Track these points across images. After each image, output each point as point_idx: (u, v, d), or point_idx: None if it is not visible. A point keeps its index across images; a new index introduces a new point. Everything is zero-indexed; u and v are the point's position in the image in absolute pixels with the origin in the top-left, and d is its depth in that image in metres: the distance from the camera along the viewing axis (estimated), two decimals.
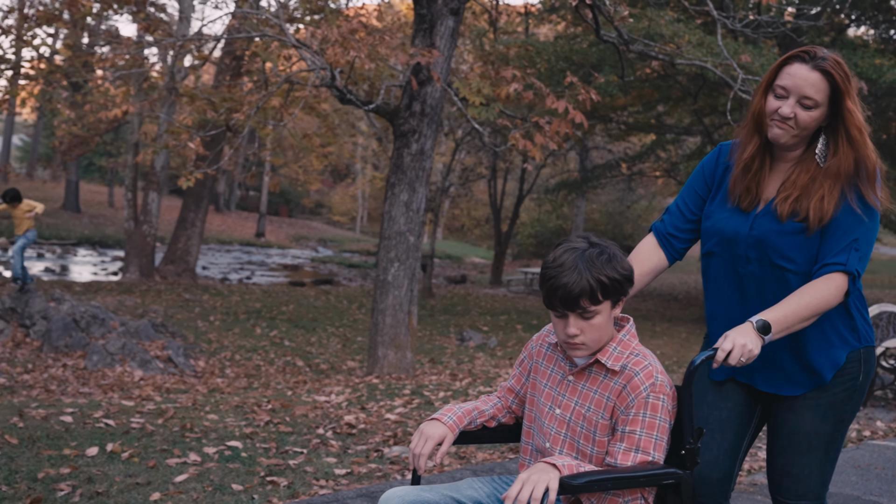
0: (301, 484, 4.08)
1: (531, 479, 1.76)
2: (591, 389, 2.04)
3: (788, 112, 2.07)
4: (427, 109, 7.83)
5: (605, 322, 1.98)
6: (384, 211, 8.13)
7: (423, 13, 7.68)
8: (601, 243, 1.99)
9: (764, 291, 2.16)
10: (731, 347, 1.93)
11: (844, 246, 2.06)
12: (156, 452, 4.57)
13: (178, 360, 9.39)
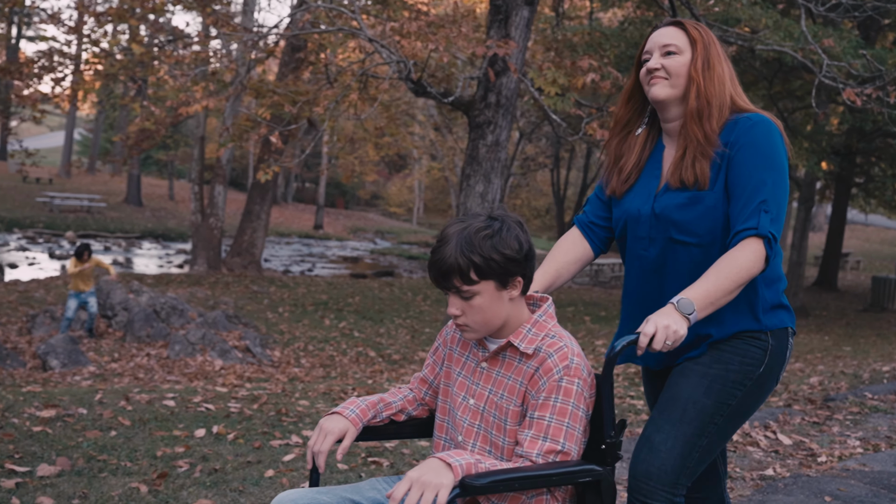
0: (402, 464, 4.17)
1: (421, 480, 1.61)
2: (506, 376, 1.91)
3: (655, 63, 2.04)
4: (502, 100, 7.85)
5: (490, 304, 1.84)
6: (459, 202, 8.18)
7: (499, 4, 7.70)
8: (500, 218, 1.85)
9: (672, 271, 2.06)
10: (654, 331, 1.79)
11: (753, 209, 1.94)
12: (258, 434, 4.71)
13: (255, 349, 9.60)
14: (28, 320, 10.55)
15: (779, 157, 1.98)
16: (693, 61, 2.03)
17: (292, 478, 3.87)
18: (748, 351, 2.00)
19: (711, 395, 1.97)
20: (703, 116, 2.01)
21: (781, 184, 1.97)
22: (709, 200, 1.99)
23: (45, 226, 24.72)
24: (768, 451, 4.47)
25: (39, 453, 4.16)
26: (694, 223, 2.00)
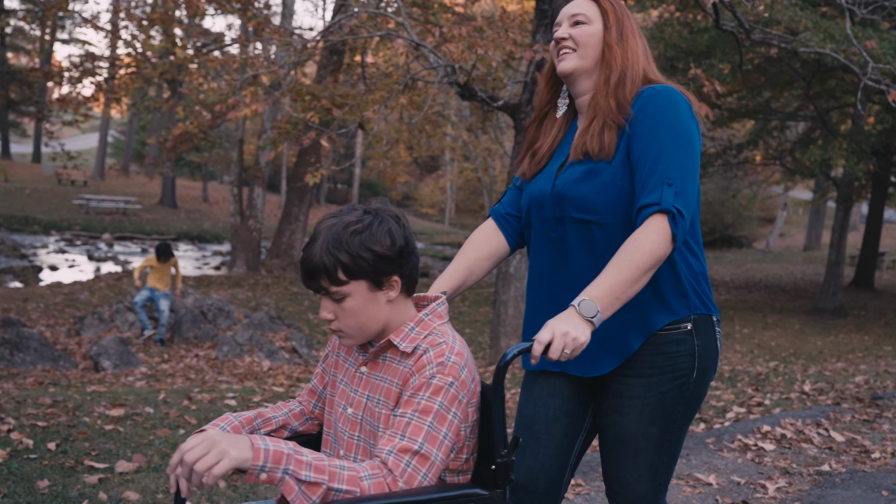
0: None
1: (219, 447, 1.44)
2: (383, 379, 1.74)
3: (563, 33, 1.95)
4: None
5: (363, 306, 1.69)
6: None
7: (545, 8, 7.78)
8: (376, 212, 1.70)
9: (577, 255, 1.90)
10: (551, 338, 1.63)
11: (654, 182, 1.77)
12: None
13: (301, 350, 9.76)
14: (76, 322, 10.80)
15: (683, 126, 1.82)
16: (606, 31, 1.93)
17: None
18: (676, 364, 1.87)
19: (657, 422, 1.88)
20: (618, 87, 1.89)
21: (687, 155, 1.80)
22: (606, 174, 1.84)
23: (81, 228, 25.15)
24: (822, 448, 4.52)
25: (115, 450, 4.33)
26: (591, 198, 1.85)
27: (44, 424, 4.68)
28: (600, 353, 1.89)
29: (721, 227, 33.11)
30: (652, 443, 1.89)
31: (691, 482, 3.78)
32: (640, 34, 1.99)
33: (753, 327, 12.90)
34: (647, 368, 1.86)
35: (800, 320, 14.13)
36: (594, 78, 1.95)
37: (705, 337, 1.89)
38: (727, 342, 11.20)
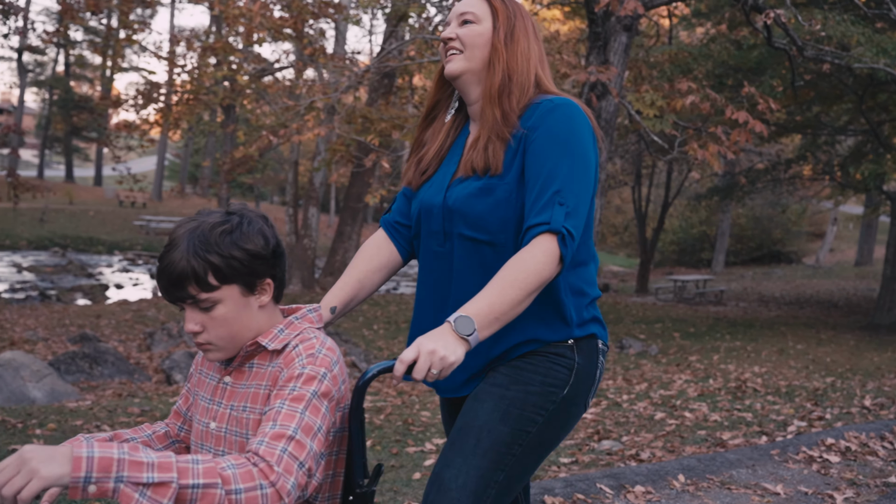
0: (540, 468, 4.46)
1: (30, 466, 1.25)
2: (250, 385, 1.61)
3: (450, 32, 1.82)
4: (602, 123, 8.12)
5: (236, 313, 1.57)
6: None
7: (598, 31, 7.99)
8: (240, 212, 1.59)
9: (463, 274, 1.79)
10: (415, 356, 1.51)
11: (546, 201, 1.67)
12: (392, 442, 5.08)
13: (360, 364, 10.03)
14: (146, 337, 11.23)
15: (579, 143, 1.71)
16: (495, 32, 1.80)
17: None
18: (551, 370, 1.74)
19: (509, 422, 1.69)
20: (503, 94, 1.77)
21: (582, 175, 1.70)
22: (500, 191, 1.73)
23: (142, 248, 25.95)
24: (888, 461, 4.61)
25: None
26: (484, 217, 1.74)
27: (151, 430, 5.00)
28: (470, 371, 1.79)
29: (769, 243, 32.78)
30: (493, 444, 1.68)
31: (759, 491, 3.92)
32: (535, 37, 1.86)
33: (807, 343, 12.83)
34: (520, 362, 1.74)
35: (854, 336, 14.00)
36: (484, 83, 1.82)
37: (587, 358, 1.77)
38: (780, 358, 11.18)
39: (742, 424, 5.79)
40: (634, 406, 6.73)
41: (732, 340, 13.04)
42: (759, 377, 8.62)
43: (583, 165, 1.71)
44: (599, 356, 1.82)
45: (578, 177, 1.69)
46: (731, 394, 7.40)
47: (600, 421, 6.04)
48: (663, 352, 12.11)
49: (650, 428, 5.77)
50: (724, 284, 23.78)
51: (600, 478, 3.85)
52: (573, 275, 1.78)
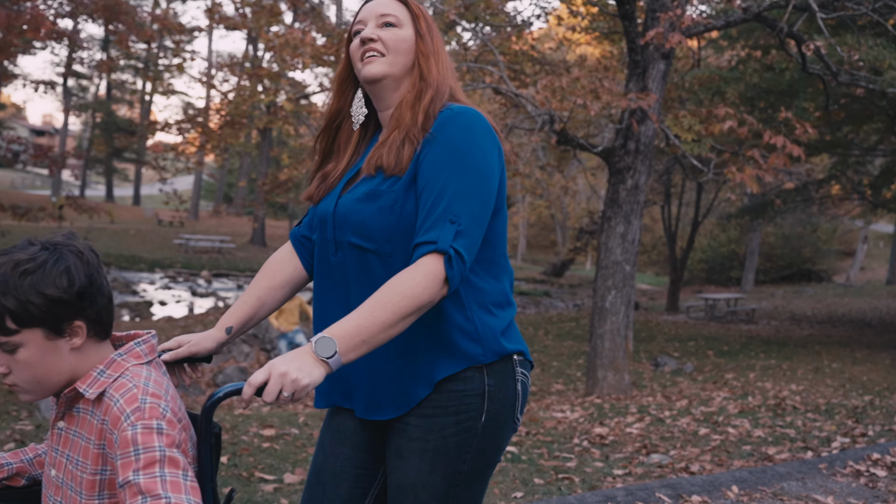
0: (594, 481, 4.72)
1: None
2: (80, 435, 1.53)
3: (371, 33, 1.72)
4: (641, 147, 8.40)
5: (40, 358, 1.48)
6: (601, 242, 8.73)
7: (637, 59, 8.28)
8: (56, 247, 1.48)
9: (356, 285, 1.70)
10: (265, 378, 1.43)
11: (436, 218, 1.57)
12: None
13: None
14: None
15: (479, 156, 1.62)
16: (419, 38, 1.75)
17: (504, 488, 4.48)
18: (461, 405, 1.65)
19: (438, 471, 1.65)
20: (430, 101, 1.69)
21: (478, 188, 1.61)
22: (387, 198, 1.65)
23: (182, 266, 26.51)
24: None
25: (276, 465, 4.91)
26: (367, 224, 1.66)
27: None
28: (383, 398, 1.70)
29: (799, 262, 32.75)
30: (434, 496, 1.66)
31: (810, 502, 4.15)
32: (445, 48, 1.82)
33: (842, 362, 12.93)
34: (429, 408, 1.66)
35: (890, 355, 14.05)
36: (401, 90, 1.75)
37: (499, 378, 1.68)
38: (816, 376, 11.31)
39: (786, 440, 5.99)
40: (677, 422, 6.95)
41: (767, 359, 13.16)
42: (797, 395, 8.79)
43: (480, 179, 1.61)
44: (516, 370, 1.71)
45: (474, 192, 1.60)
46: (772, 410, 7.59)
47: (646, 436, 6.27)
48: (699, 369, 12.28)
49: (695, 443, 5.99)
50: (754, 303, 23.81)
51: (658, 487, 4.10)
52: (481, 293, 1.69)
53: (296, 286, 1.91)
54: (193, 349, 1.83)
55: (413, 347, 1.66)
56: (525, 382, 1.74)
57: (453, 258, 1.54)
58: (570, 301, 26.97)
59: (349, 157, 1.82)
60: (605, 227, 8.64)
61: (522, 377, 1.73)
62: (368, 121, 1.84)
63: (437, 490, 1.66)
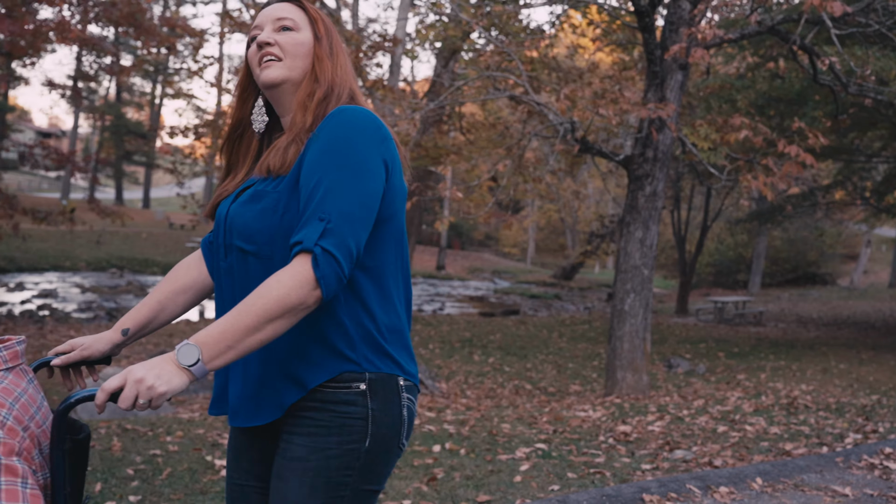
0: (624, 475, 5.01)
1: None
2: None
3: (268, 37, 1.72)
4: (659, 155, 8.69)
5: None
6: (620, 247, 9.03)
7: (656, 70, 8.58)
8: None
9: (237, 290, 1.68)
10: (120, 384, 1.40)
11: (307, 216, 1.54)
12: (483, 450, 5.64)
13: (427, 381, 10.61)
14: None
15: (355, 153, 1.58)
16: (317, 42, 1.74)
17: (540, 482, 4.78)
18: (344, 425, 1.61)
19: (318, 495, 1.61)
20: (320, 101, 1.69)
21: (354, 187, 1.56)
22: (269, 199, 1.63)
23: None
24: None
25: None
26: (251, 225, 1.64)
27: None
28: (257, 404, 1.66)
29: (804, 265, 33.06)
30: None
31: (829, 493, 4.44)
32: (345, 51, 1.81)
33: (849, 363, 13.21)
34: (313, 427, 1.62)
35: (895, 356, 14.34)
36: (300, 93, 1.73)
37: (384, 401, 1.64)
38: (825, 377, 11.58)
39: (801, 437, 6.28)
40: (696, 420, 7.23)
41: (776, 360, 13.44)
42: (808, 394, 9.07)
43: (355, 176, 1.56)
44: (402, 396, 1.67)
45: (348, 188, 1.55)
46: (785, 409, 7.88)
47: (668, 433, 6.56)
48: (711, 370, 12.56)
49: (715, 440, 6.28)
50: (762, 306, 24.09)
51: (688, 479, 4.39)
52: (364, 300, 1.64)
53: (200, 292, 1.89)
54: (86, 353, 1.80)
55: (286, 351, 1.62)
56: (411, 408, 1.70)
57: (319, 257, 1.49)
58: (581, 304, 27.26)
59: (250, 165, 1.81)
60: (625, 233, 8.93)
61: (409, 402, 1.69)
62: (273, 128, 1.83)
63: None
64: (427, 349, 14.14)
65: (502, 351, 14.53)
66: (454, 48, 14.42)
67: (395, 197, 1.67)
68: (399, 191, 1.68)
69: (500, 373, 12.40)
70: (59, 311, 16.52)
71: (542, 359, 14.01)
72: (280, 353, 1.62)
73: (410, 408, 1.70)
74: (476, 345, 15.02)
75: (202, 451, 5.23)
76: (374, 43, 14.88)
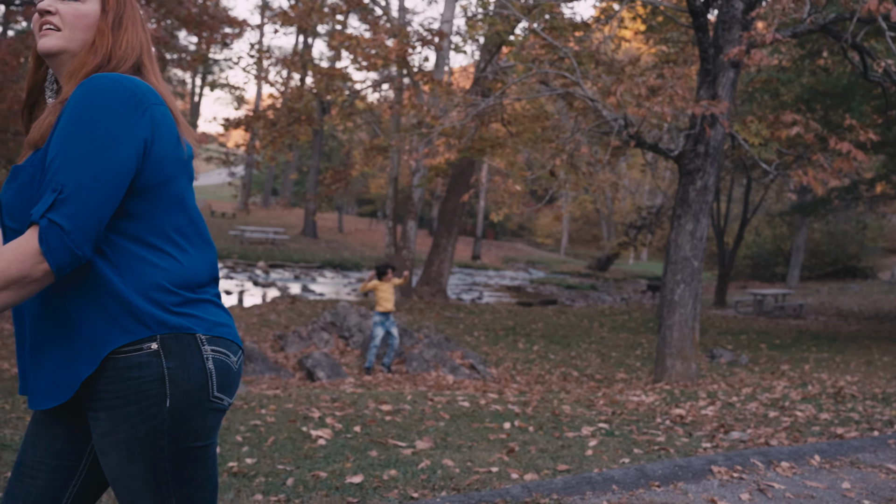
0: (687, 451, 5.35)
1: None
2: None
3: (49, 5, 1.66)
4: (710, 150, 8.97)
5: None
6: (671, 239, 9.32)
7: (709, 68, 8.84)
8: None
9: None
10: None
11: (44, 188, 1.52)
12: (550, 428, 6.01)
13: (479, 367, 11.01)
14: (276, 339, 12.40)
15: (94, 121, 1.53)
16: (103, 14, 1.69)
17: (610, 455, 5.14)
18: (141, 391, 1.59)
19: (137, 461, 1.61)
20: (81, 72, 1.64)
21: (91, 156, 1.52)
22: (25, 174, 1.60)
23: (239, 256, 27.45)
24: None
25: (402, 434, 5.61)
26: (12, 203, 1.62)
27: (340, 414, 6.05)
28: (52, 384, 1.63)
29: (844, 258, 32.91)
30: (145, 485, 1.63)
31: (884, 470, 4.75)
32: (143, 27, 1.76)
33: (893, 355, 13.39)
34: (111, 399, 1.60)
35: None
36: (74, 63, 1.67)
37: (180, 359, 1.61)
38: (869, 368, 11.78)
39: (851, 422, 6.57)
40: (747, 406, 7.53)
41: (819, 352, 13.64)
42: (853, 385, 9.31)
43: (93, 144, 1.52)
44: (203, 349, 1.64)
45: (86, 158, 1.51)
46: (832, 398, 8.14)
47: (721, 417, 6.87)
48: (754, 361, 12.81)
49: (767, 423, 6.58)
50: (801, 299, 24.15)
51: (752, 454, 4.73)
52: (143, 268, 1.62)
53: None
54: None
55: (72, 327, 1.60)
56: (221, 360, 1.68)
57: (45, 229, 1.47)
58: (617, 295, 27.48)
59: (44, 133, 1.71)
60: (675, 225, 9.22)
61: (215, 354, 1.66)
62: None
63: (145, 479, 1.62)
64: (472, 336, 14.52)
65: (546, 339, 14.87)
66: (500, 42, 14.73)
67: (163, 164, 1.63)
68: (170, 158, 1.64)
69: (545, 360, 12.75)
70: None
71: (586, 347, 14.34)
72: (66, 329, 1.61)
73: (219, 360, 1.67)
74: (519, 333, 15.38)
75: (296, 422, 5.65)
76: (420, 37, 15.23)
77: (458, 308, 18.05)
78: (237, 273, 24.43)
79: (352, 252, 32.06)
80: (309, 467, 4.54)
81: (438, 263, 18.94)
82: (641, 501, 4.02)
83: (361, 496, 4.05)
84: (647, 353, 13.84)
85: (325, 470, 4.51)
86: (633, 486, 4.19)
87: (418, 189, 17.95)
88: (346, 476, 4.37)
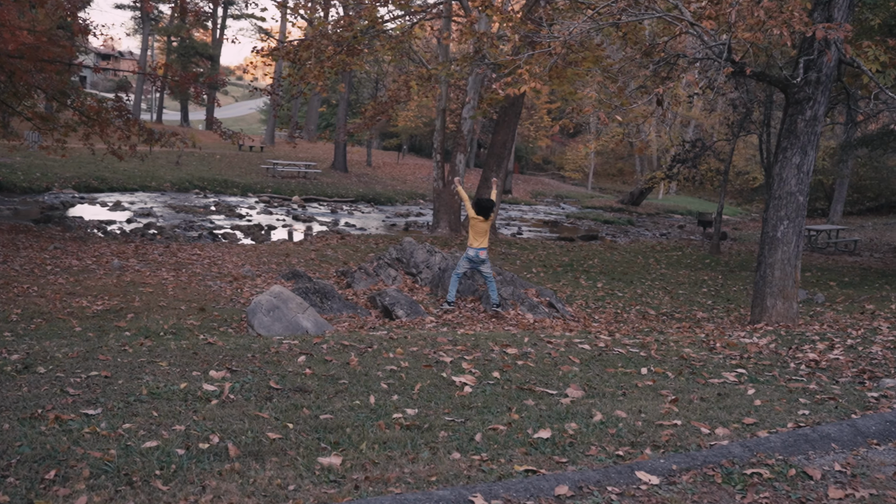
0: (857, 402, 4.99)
1: None
2: None
3: None
4: (822, 78, 8.41)
5: None
6: (775, 173, 8.83)
7: None
8: None
9: None
10: None
11: None
12: (688, 374, 5.66)
13: (557, 304, 10.65)
14: (340, 276, 12.06)
15: None
16: None
17: (781, 405, 4.78)
18: None
19: None
20: None
21: None
22: None
23: (272, 190, 27.02)
24: None
25: (544, 381, 5.26)
26: None
27: (469, 358, 5.70)
28: None
29: (888, 193, 32.18)
30: None
31: None
32: None
33: None
34: None
35: None
36: None
37: None
38: None
39: None
40: (870, 350, 7.15)
41: (893, 290, 13.23)
42: None
43: None
44: None
45: None
46: None
47: (856, 362, 6.49)
48: (830, 300, 12.42)
49: None
50: (848, 235, 23.65)
51: None
52: None
53: None
54: None
55: None
56: None
57: None
58: (655, 230, 27.01)
59: None
60: (781, 158, 8.72)
61: None
62: None
63: None
64: (532, 272, 14.16)
65: (606, 276, 14.50)
66: None
67: None
68: None
69: (615, 297, 12.39)
70: (167, 231, 16.80)
71: (650, 285, 13.96)
72: None
73: None
74: (577, 269, 15.00)
75: (432, 367, 5.31)
76: None
77: (509, 244, 17.66)
78: (273, 207, 24.03)
79: (383, 186, 31.55)
80: (479, 419, 4.21)
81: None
82: (869, 463, 3.68)
83: (564, 454, 3.72)
84: (715, 291, 13.47)
85: (496, 421, 4.18)
86: (851, 445, 3.85)
87: (468, 121, 17.38)
88: (526, 428, 4.04)
